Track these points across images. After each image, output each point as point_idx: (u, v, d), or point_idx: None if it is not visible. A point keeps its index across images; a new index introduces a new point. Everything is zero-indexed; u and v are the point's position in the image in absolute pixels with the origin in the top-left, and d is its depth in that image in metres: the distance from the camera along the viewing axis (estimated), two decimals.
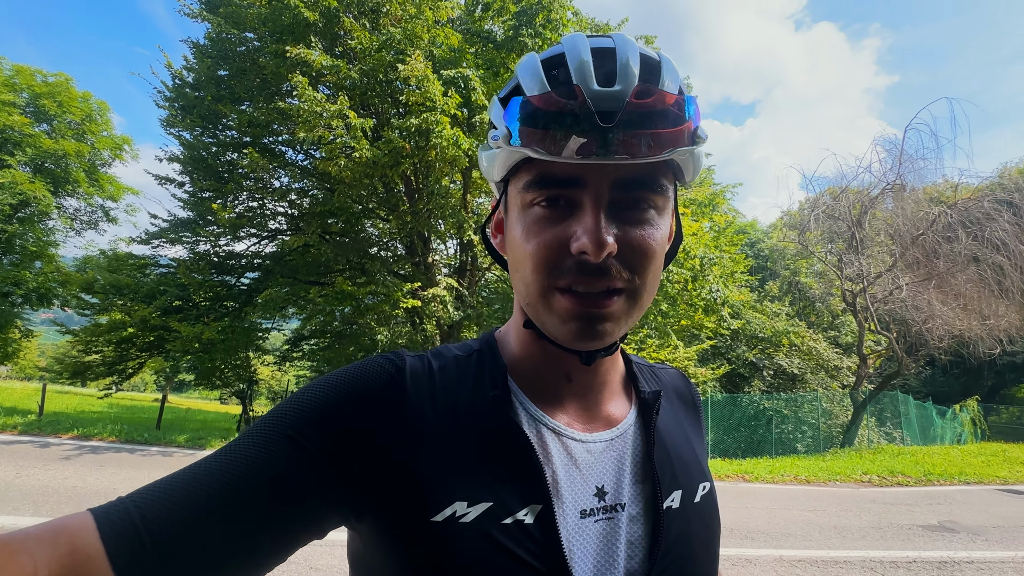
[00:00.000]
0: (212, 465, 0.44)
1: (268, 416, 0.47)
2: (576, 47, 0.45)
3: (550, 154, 0.43)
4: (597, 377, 0.56)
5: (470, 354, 0.56)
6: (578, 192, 0.45)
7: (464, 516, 0.45)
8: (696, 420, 0.66)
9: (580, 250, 0.44)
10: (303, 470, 0.44)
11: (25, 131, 15.55)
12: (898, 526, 5.88)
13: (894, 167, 12.95)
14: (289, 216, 12.23)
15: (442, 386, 0.51)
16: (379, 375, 0.50)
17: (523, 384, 0.54)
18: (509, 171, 0.49)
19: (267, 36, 9.50)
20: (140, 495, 0.42)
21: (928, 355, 14.35)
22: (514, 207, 0.50)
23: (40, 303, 17.86)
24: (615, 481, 0.52)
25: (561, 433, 0.52)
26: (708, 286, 9.83)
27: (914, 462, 10.66)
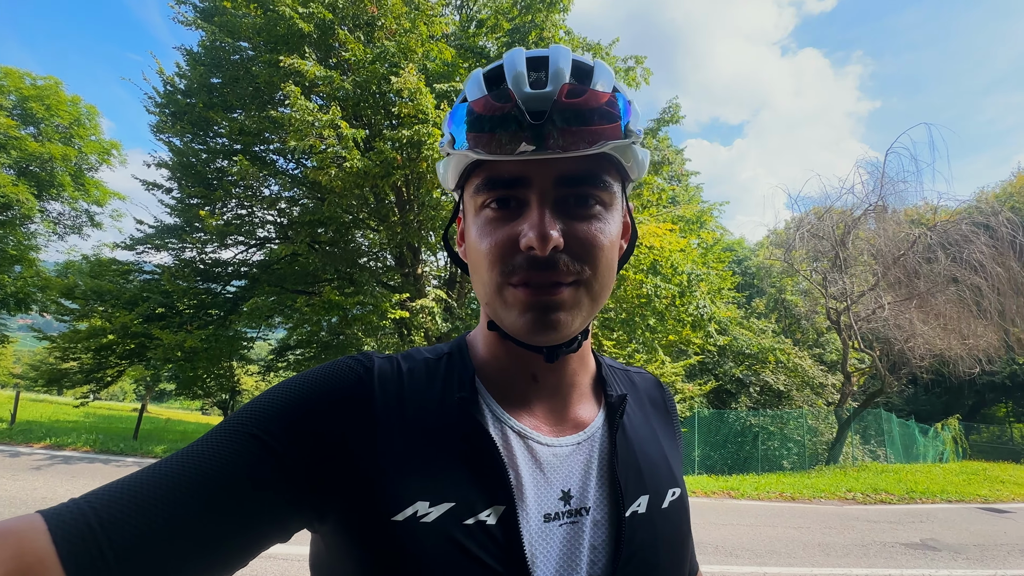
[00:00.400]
0: (175, 464, 0.42)
1: (234, 415, 0.46)
2: (513, 59, 0.48)
3: (489, 153, 0.45)
4: (564, 378, 0.56)
5: (440, 357, 0.56)
6: (524, 191, 0.47)
7: (425, 516, 0.45)
8: (669, 425, 0.66)
9: (527, 245, 0.46)
10: (269, 469, 0.43)
11: (11, 133, 15.34)
12: (881, 544, 5.90)
13: (876, 189, 13.30)
14: (278, 224, 12.15)
15: (410, 388, 0.52)
16: (347, 376, 0.50)
17: (491, 386, 0.54)
18: (461, 177, 0.52)
19: (261, 46, 9.54)
20: (95, 496, 0.40)
21: (910, 373, 14.57)
22: (469, 212, 0.52)
23: (18, 308, 17.45)
24: (581, 485, 0.52)
25: (526, 436, 0.52)
26: (695, 302, 9.92)
27: (897, 480, 10.74)
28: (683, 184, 17.76)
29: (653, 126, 11.98)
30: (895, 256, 12.97)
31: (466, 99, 0.49)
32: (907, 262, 12.89)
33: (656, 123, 11.99)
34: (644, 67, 10.25)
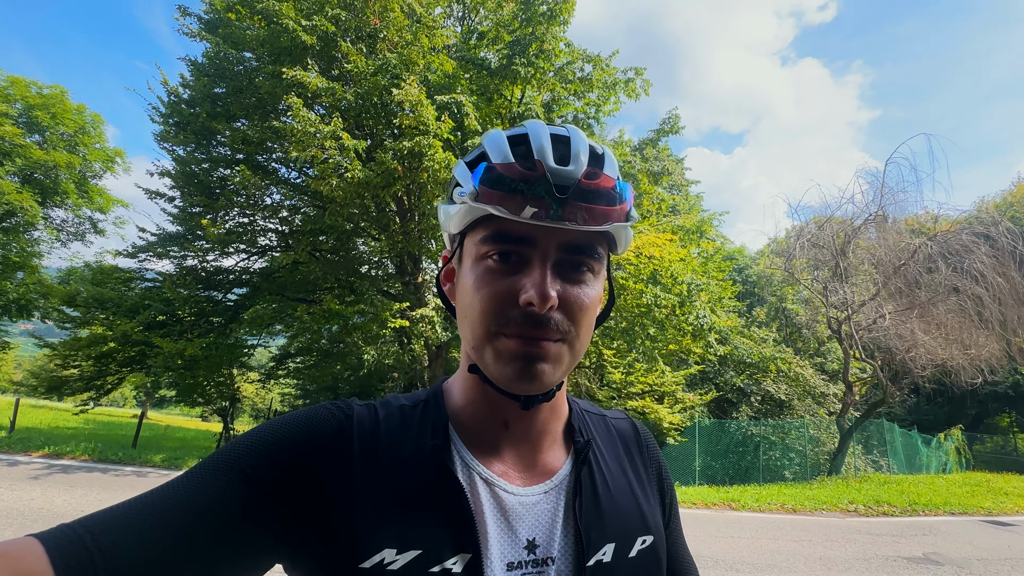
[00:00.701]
0: (168, 494, 0.44)
1: (223, 450, 0.48)
2: (538, 131, 0.52)
3: (511, 213, 0.49)
4: (535, 425, 0.57)
5: (416, 404, 0.58)
6: (529, 250, 0.51)
7: (392, 563, 0.46)
8: (647, 471, 0.66)
9: (527, 301, 0.49)
10: (255, 506, 0.45)
11: (16, 141, 15.47)
12: (883, 558, 5.85)
13: (876, 198, 13.33)
14: (280, 233, 12.20)
15: (386, 435, 0.53)
16: (329, 422, 0.52)
17: (463, 433, 0.56)
18: (467, 226, 0.54)
19: (265, 57, 9.64)
20: (91, 521, 0.41)
21: (912, 383, 14.49)
22: (468, 258, 0.54)
23: (20, 314, 17.49)
24: (547, 534, 0.53)
25: (493, 484, 0.53)
26: (695, 311, 9.92)
27: (900, 491, 10.66)
28: (683, 193, 17.82)
29: (653, 136, 12.05)
30: (896, 266, 12.97)
31: (486, 156, 0.52)
32: (908, 272, 12.88)
33: (656, 133, 12.07)
34: (644, 78, 10.33)
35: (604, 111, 10.81)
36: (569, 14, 9.02)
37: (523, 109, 9.30)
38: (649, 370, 12.15)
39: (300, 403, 19.45)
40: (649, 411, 12.15)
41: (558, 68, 9.66)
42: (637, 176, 10.11)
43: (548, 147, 0.50)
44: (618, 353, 12.03)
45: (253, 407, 27.48)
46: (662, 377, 12.64)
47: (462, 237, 0.56)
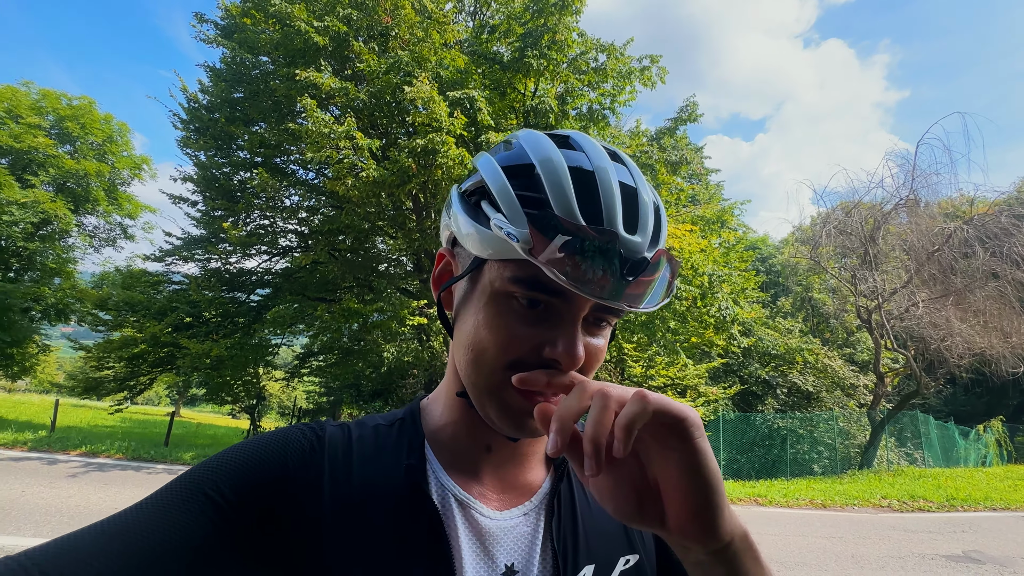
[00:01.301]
0: (123, 521, 0.42)
1: (190, 472, 0.46)
2: (608, 181, 0.45)
3: (571, 285, 0.41)
4: (519, 448, 0.55)
5: (392, 423, 0.56)
6: (561, 304, 0.46)
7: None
8: None
9: (554, 358, 0.45)
10: (217, 529, 0.43)
11: (49, 152, 16.09)
12: (919, 556, 5.64)
13: (907, 182, 12.78)
14: (299, 234, 12.40)
15: (359, 457, 0.51)
16: (300, 443, 0.50)
17: (441, 453, 0.54)
18: (498, 259, 0.47)
19: (280, 59, 9.76)
20: (39, 552, 0.39)
21: (948, 373, 13.93)
22: (486, 288, 0.48)
23: (58, 318, 18.25)
24: (526, 558, 0.50)
25: (469, 506, 0.51)
26: (717, 303, 9.70)
27: (936, 486, 10.28)
28: (703, 182, 17.44)
29: (671, 125, 11.79)
30: (929, 251, 12.44)
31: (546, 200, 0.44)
32: (942, 257, 12.35)
33: (673, 122, 11.80)
34: (660, 66, 10.09)
35: (619, 101, 10.60)
36: (581, 3, 8.86)
37: (537, 102, 9.18)
38: (671, 363, 11.96)
39: (324, 400, 19.83)
40: None
41: (571, 59, 9.50)
42: (655, 166, 9.89)
43: (619, 209, 0.44)
44: (638, 346, 11.87)
45: (280, 404, 28.24)
46: (684, 370, 12.43)
47: (481, 260, 0.48)
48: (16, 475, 6.65)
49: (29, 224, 15.46)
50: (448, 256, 0.55)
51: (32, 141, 15.67)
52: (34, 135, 15.83)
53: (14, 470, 6.93)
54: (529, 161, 0.47)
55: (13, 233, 15.15)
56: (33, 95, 16.88)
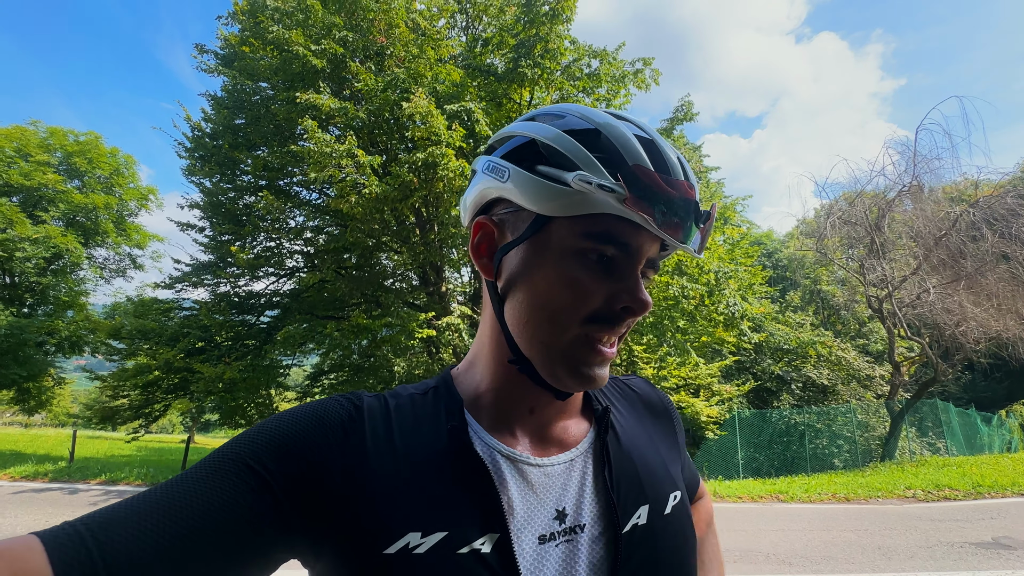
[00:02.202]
0: (171, 490, 0.43)
1: (228, 445, 0.47)
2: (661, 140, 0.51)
3: (661, 230, 0.46)
4: (561, 407, 0.57)
5: (426, 392, 0.57)
6: (624, 257, 0.50)
7: (418, 547, 0.44)
8: (668, 427, 0.66)
9: (627, 307, 0.49)
10: (264, 502, 0.44)
11: (58, 188, 16.44)
12: (948, 544, 5.52)
13: (909, 168, 12.72)
14: (305, 254, 12.53)
15: (399, 423, 0.52)
16: (338, 412, 0.51)
17: (481, 416, 0.55)
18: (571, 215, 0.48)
19: (279, 84, 9.95)
20: (93, 519, 0.40)
21: (965, 359, 13.72)
22: (557, 246, 0.49)
23: (72, 351, 18.49)
24: (576, 502, 0.52)
25: (516, 460, 0.52)
26: (725, 300, 9.66)
27: (961, 474, 10.07)
28: (703, 180, 17.45)
29: (667, 126, 11.85)
30: (937, 237, 12.34)
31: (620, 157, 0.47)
32: (950, 242, 12.23)
33: (670, 123, 11.85)
34: (653, 68, 10.19)
35: (615, 105, 10.70)
36: (571, 11, 8.98)
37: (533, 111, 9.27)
38: (682, 363, 11.89)
39: None
40: (685, 405, 11.87)
41: (565, 66, 9.62)
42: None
43: (679, 166, 0.49)
44: (648, 348, 11.82)
45: None
46: (696, 370, 12.34)
47: (546, 218, 0.49)
48: (39, 505, 6.72)
49: (41, 259, 15.76)
50: (490, 224, 0.54)
51: (42, 178, 16.04)
52: (43, 172, 16.20)
53: (37, 501, 7.00)
54: (592, 127, 0.49)
55: (26, 269, 15.44)
56: (41, 133, 17.31)
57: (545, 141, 0.49)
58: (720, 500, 8.51)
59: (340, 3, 9.19)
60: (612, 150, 0.48)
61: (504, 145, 0.54)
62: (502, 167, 0.51)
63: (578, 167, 0.47)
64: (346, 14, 9.19)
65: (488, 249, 0.54)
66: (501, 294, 0.53)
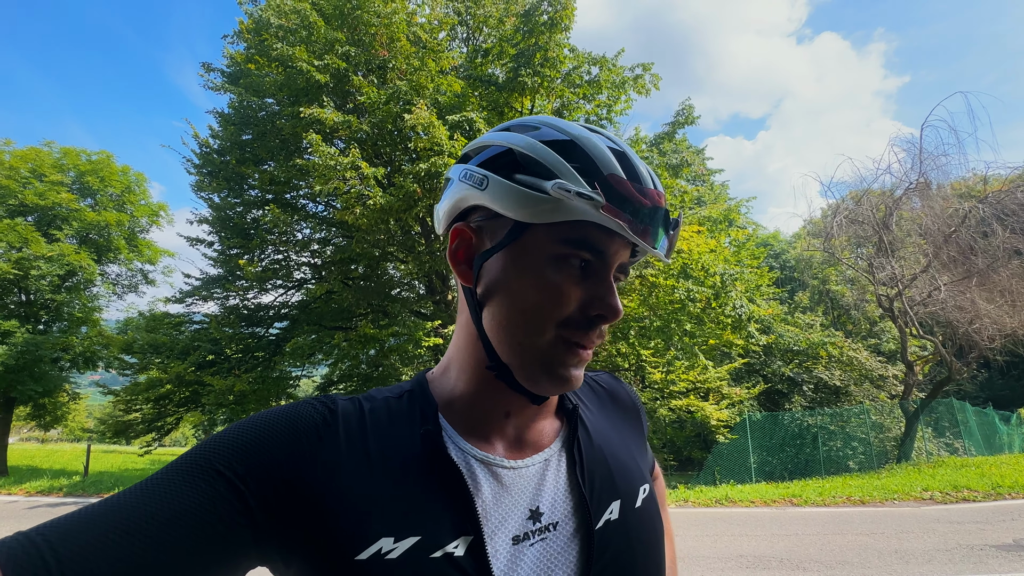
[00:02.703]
0: (134, 497, 0.41)
1: (196, 449, 0.45)
2: (628, 150, 0.53)
3: (634, 236, 0.48)
4: (536, 410, 0.57)
5: (401, 395, 0.56)
6: (599, 262, 0.51)
7: (390, 552, 0.44)
8: (635, 421, 0.68)
9: (602, 312, 0.50)
10: (233, 507, 0.43)
11: (71, 206, 16.76)
12: (968, 547, 5.41)
13: (915, 166, 12.61)
14: (312, 265, 12.65)
15: (373, 427, 0.52)
16: (312, 416, 0.50)
17: (455, 420, 0.55)
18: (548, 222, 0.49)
19: (284, 100, 10.13)
20: (49, 528, 0.38)
21: (980, 357, 13.48)
22: (535, 252, 0.51)
23: (86, 366, 18.73)
24: (550, 501, 0.53)
25: (491, 463, 0.52)
26: (732, 302, 9.60)
27: (980, 474, 9.86)
28: (707, 184, 17.42)
29: (669, 129, 11.88)
30: (946, 234, 12.19)
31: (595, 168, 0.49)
32: (960, 238, 12.08)
33: (671, 126, 11.89)
34: (652, 73, 10.23)
35: (616, 111, 10.75)
36: (570, 20, 9.08)
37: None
38: (690, 367, 11.81)
39: None
40: (695, 409, 11.77)
41: (565, 74, 9.70)
42: (656, 171, 9.97)
43: (649, 175, 0.51)
44: (656, 352, 11.76)
45: None
46: (705, 373, 12.25)
47: (524, 226, 0.50)
48: None
49: (56, 277, 16.03)
50: (468, 230, 0.54)
51: (56, 197, 16.36)
52: (57, 191, 16.53)
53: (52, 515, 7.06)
54: (567, 138, 0.51)
55: (41, 286, 15.72)
56: (55, 154, 17.69)
57: (522, 151, 0.50)
58: (733, 505, 8.40)
59: (342, 19, 9.36)
60: (587, 160, 0.49)
61: (481, 154, 0.54)
62: (480, 175, 0.52)
63: (556, 175, 0.48)
64: (348, 29, 9.35)
65: (466, 255, 0.55)
66: (480, 300, 0.53)
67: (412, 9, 10.16)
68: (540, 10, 9.17)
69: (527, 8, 9.58)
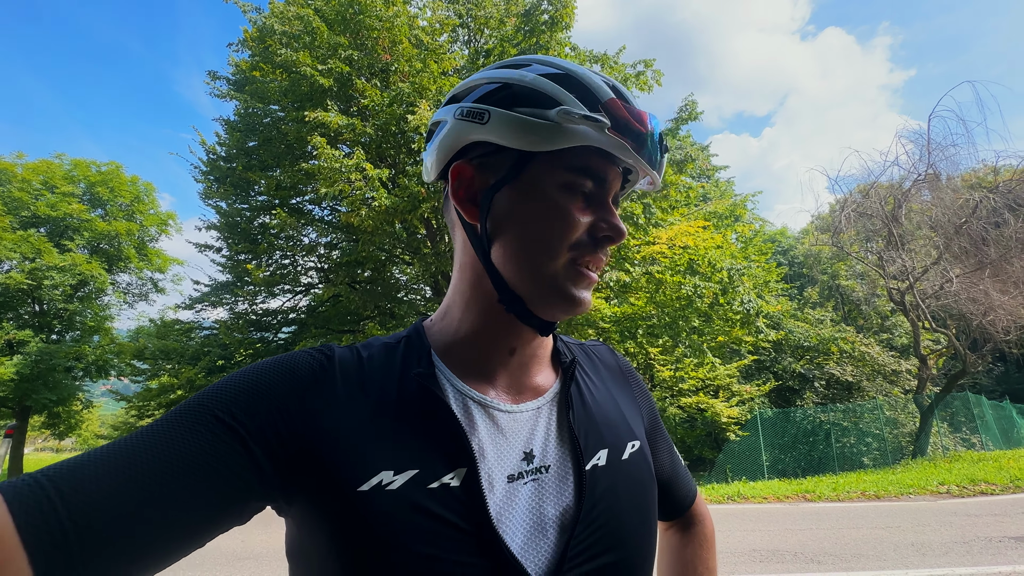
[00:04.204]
0: (137, 442, 0.42)
1: (195, 398, 0.46)
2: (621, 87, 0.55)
3: (641, 157, 0.51)
4: (536, 349, 0.59)
5: (399, 341, 0.58)
6: (599, 188, 0.54)
7: (391, 484, 0.46)
8: (626, 386, 0.70)
9: (609, 234, 0.54)
10: (233, 450, 0.43)
11: (82, 217, 17.02)
12: (986, 539, 5.31)
13: (923, 157, 12.47)
14: (319, 269, 12.74)
15: (370, 370, 0.53)
16: (308, 362, 0.51)
17: (453, 363, 0.56)
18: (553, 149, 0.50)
19: (289, 106, 10.24)
20: (54, 469, 0.39)
21: (996, 350, 13.27)
22: (541, 182, 0.52)
23: (99, 374, 18.98)
24: (542, 445, 0.55)
25: (487, 405, 0.54)
26: (739, 298, 9.53)
27: (998, 468, 9.69)
28: (712, 180, 17.34)
29: (672, 126, 11.85)
30: (957, 225, 12.04)
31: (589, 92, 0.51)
32: (972, 229, 11.92)
33: (675, 123, 11.86)
34: (654, 70, 10.23)
35: None
36: (571, 19, 9.10)
37: None
38: (699, 364, 11.73)
39: None
40: (705, 406, 11.69)
41: None
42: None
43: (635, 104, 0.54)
44: (664, 350, 11.69)
45: None
46: (714, 370, 12.16)
47: (528, 157, 0.51)
48: None
49: (68, 286, 16.27)
50: (468, 168, 0.54)
51: (67, 208, 16.64)
52: (68, 203, 16.81)
53: None
54: (560, 71, 0.53)
55: (54, 296, 15.96)
56: (65, 166, 17.99)
57: (520, 83, 0.51)
58: (745, 501, 8.31)
59: (345, 24, 9.45)
60: (583, 90, 0.51)
61: (474, 92, 0.54)
62: (480, 109, 0.51)
63: (558, 103, 0.49)
64: (351, 34, 9.43)
65: (468, 193, 0.55)
66: (490, 235, 0.53)
67: (414, 12, 10.23)
68: (540, 10, 9.21)
69: (528, 8, 9.62)
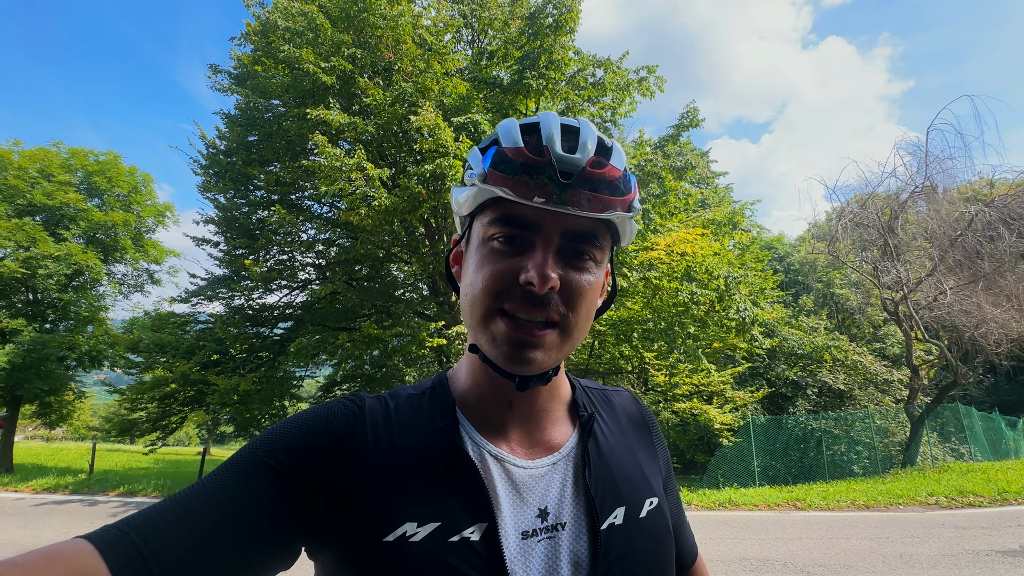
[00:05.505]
0: (203, 491, 0.48)
1: (249, 447, 0.52)
2: (549, 121, 0.54)
3: (518, 196, 0.51)
4: (537, 404, 0.60)
5: (423, 392, 0.61)
6: (533, 235, 0.53)
7: (414, 535, 0.49)
8: (647, 439, 0.69)
9: (528, 281, 0.51)
10: (282, 493, 0.49)
11: (79, 206, 16.87)
12: (973, 552, 5.38)
13: (921, 169, 12.56)
14: (317, 266, 12.70)
15: (397, 422, 0.57)
16: (343, 414, 0.56)
17: (471, 415, 0.59)
18: (477, 208, 0.56)
19: (291, 102, 10.19)
20: (136, 521, 0.45)
21: (986, 362, 13.42)
22: (475, 239, 0.57)
23: (92, 365, 18.83)
24: (557, 502, 0.56)
25: (503, 459, 0.56)
26: (735, 305, 9.58)
27: (986, 480, 9.80)
28: (711, 186, 17.40)
29: (673, 132, 11.88)
30: (952, 237, 12.14)
31: (498, 143, 0.54)
32: (966, 242, 12.03)
33: (676, 129, 11.89)
34: (657, 75, 10.24)
35: (620, 113, 10.76)
36: (575, 23, 9.10)
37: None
38: (694, 370, 11.79)
39: None
40: (698, 412, 11.75)
41: (569, 77, 9.72)
42: (660, 174, 9.95)
43: (557, 135, 0.52)
44: (659, 355, 11.74)
45: None
46: (708, 376, 12.22)
47: (471, 219, 0.58)
48: (60, 517, 6.84)
49: (63, 276, 16.13)
50: (456, 237, 0.64)
51: (63, 197, 16.48)
52: (65, 192, 16.65)
53: (58, 512, 7.14)
54: (496, 136, 0.56)
55: (49, 286, 15.83)
56: (63, 154, 17.82)
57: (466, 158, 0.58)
58: (736, 508, 8.37)
59: (349, 21, 9.41)
60: (495, 143, 0.54)
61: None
62: (454, 188, 0.60)
63: (471, 167, 0.56)
64: (354, 32, 9.40)
65: (455, 257, 0.64)
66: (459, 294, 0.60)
67: (418, 12, 10.21)
68: (545, 13, 9.21)
69: (532, 11, 9.62)
